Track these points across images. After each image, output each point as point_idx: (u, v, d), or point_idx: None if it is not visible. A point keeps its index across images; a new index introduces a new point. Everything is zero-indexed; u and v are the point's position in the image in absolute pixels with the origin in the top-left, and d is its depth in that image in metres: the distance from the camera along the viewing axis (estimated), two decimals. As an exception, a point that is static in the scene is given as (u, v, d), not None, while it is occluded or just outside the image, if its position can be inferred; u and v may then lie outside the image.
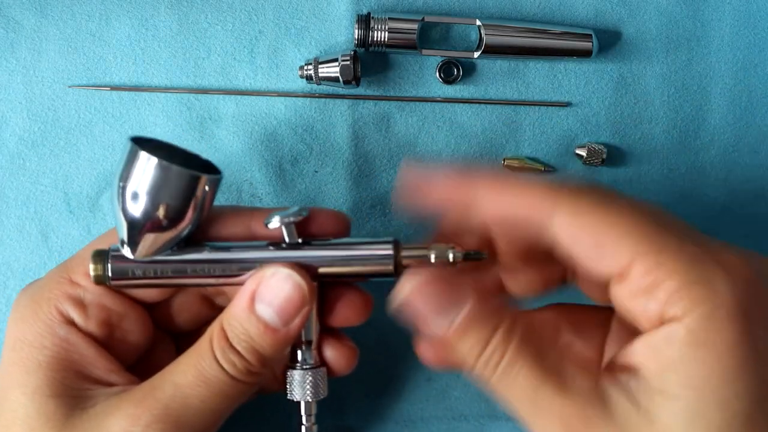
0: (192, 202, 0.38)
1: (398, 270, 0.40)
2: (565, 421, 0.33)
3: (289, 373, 0.42)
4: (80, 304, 0.41)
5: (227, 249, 0.40)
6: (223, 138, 0.51)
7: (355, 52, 0.49)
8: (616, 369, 0.34)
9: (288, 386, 0.42)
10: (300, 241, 0.40)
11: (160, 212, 0.37)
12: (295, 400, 0.42)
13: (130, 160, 0.37)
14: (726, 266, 0.31)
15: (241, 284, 0.40)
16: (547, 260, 0.37)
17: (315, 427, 0.43)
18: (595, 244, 0.33)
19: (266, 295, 0.39)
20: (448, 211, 0.38)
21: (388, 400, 0.53)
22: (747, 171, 0.52)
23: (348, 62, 0.48)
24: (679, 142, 0.52)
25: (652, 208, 0.35)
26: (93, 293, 0.41)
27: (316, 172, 0.51)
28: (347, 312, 0.42)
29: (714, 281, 0.31)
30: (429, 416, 0.53)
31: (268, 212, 0.41)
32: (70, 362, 0.40)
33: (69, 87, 0.51)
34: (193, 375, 0.38)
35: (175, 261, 0.40)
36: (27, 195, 0.51)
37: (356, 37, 0.49)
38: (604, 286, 0.35)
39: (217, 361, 0.38)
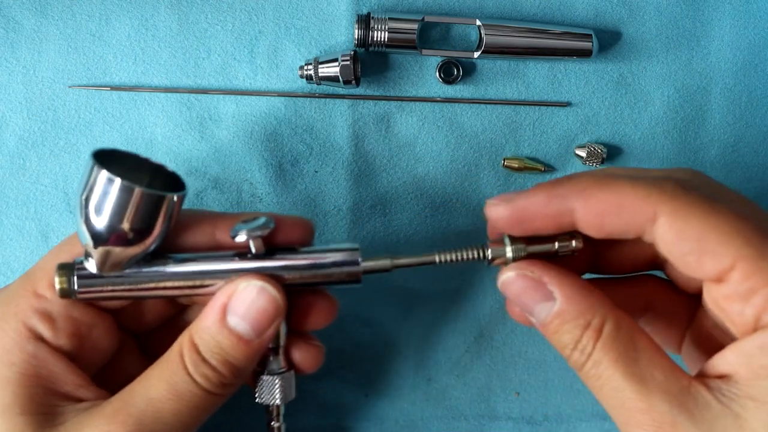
0: (158, 220, 0.38)
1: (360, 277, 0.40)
2: (651, 423, 0.33)
3: (257, 378, 0.42)
4: (48, 318, 0.40)
5: (194, 260, 0.40)
6: (223, 138, 0.51)
7: (355, 52, 0.49)
8: (707, 375, 0.34)
9: (257, 390, 0.42)
10: (265, 251, 0.40)
11: (125, 229, 0.37)
12: (264, 403, 0.42)
13: (93, 179, 0.37)
14: None
15: (208, 295, 0.39)
16: (638, 252, 0.38)
17: (283, 427, 0.43)
18: (697, 248, 0.33)
19: (239, 308, 0.38)
20: (545, 228, 0.37)
21: (388, 400, 0.53)
22: (747, 171, 0.52)
23: (348, 62, 0.48)
24: (679, 142, 0.52)
25: (755, 209, 0.35)
26: (60, 305, 0.40)
27: (316, 172, 0.51)
28: (315, 317, 0.42)
29: None
30: (429, 416, 0.53)
31: (231, 218, 0.40)
32: (40, 378, 0.39)
33: (69, 87, 0.51)
34: (166, 389, 0.38)
35: (141, 274, 0.39)
36: (27, 195, 0.51)
37: (356, 37, 0.49)
38: (699, 282, 0.35)
39: (190, 375, 0.38)
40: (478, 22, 0.49)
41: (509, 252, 0.38)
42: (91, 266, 0.39)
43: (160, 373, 0.39)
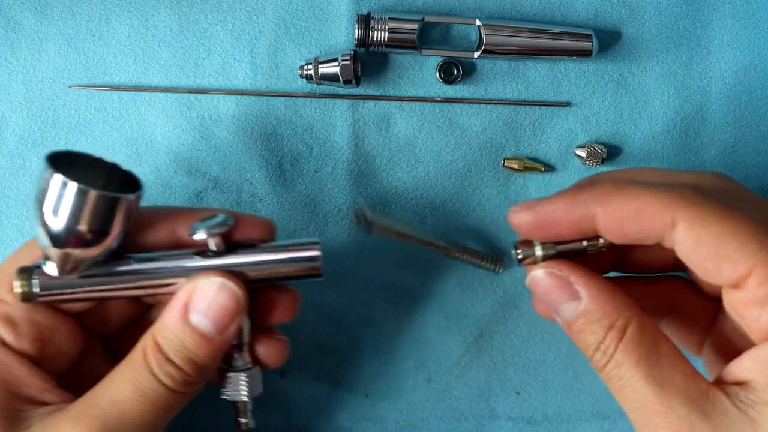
0: (115, 220, 0.37)
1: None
2: (669, 426, 0.33)
3: (223, 375, 0.42)
4: (10, 322, 0.40)
5: (154, 259, 0.40)
6: (223, 138, 0.51)
7: (355, 51, 0.49)
8: (725, 381, 0.34)
9: (223, 387, 0.42)
10: (225, 248, 0.40)
11: (83, 231, 0.37)
12: (230, 400, 0.42)
13: (48, 183, 0.37)
14: None
15: (170, 293, 0.39)
16: (661, 255, 0.38)
17: (251, 423, 0.43)
18: (714, 254, 0.33)
19: (200, 305, 0.38)
20: (567, 234, 0.38)
21: (388, 400, 0.53)
22: (747, 171, 0.52)
23: (348, 62, 0.48)
24: (679, 142, 0.52)
25: None
26: (22, 309, 0.40)
27: (316, 172, 0.51)
28: (278, 312, 0.43)
29: None
30: (429, 416, 0.53)
31: (191, 215, 0.40)
32: (3, 383, 0.39)
33: (69, 87, 0.51)
34: (130, 390, 0.38)
35: (102, 275, 0.39)
36: (27, 195, 0.51)
37: (356, 37, 0.49)
38: (719, 287, 0.36)
39: (154, 375, 0.38)
40: (478, 22, 0.49)
41: (538, 251, 0.38)
42: (51, 269, 0.39)
43: (123, 374, 0.39)
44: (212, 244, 0.40)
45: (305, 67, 0.49)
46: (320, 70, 0.49)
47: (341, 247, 0.52)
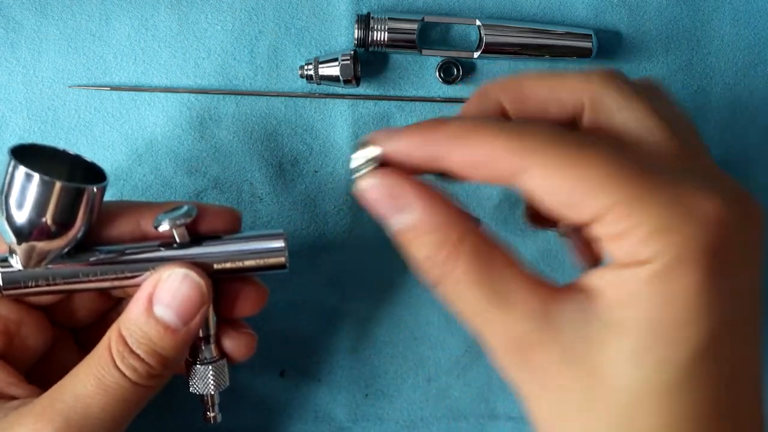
0: (79, 212, 0.37)
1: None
2: (509, 340, 0.32)
3: (190, 368, 0.42)
4: None
5: (120, 252, 0.40)
6: (223, 138, 0.51)
7: (355, 51, 0.49)
8: (574, 290, 0.33)
9: (190, 380, 0.42)
10: (189, 240, 0.40)
11: (48, 224, 0.37)
12: (198, 393, 0.42)
13: (12, 175, 0.37)
14: (698, 212, 0.31)
15: (136, 286, 0.39)
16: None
17: (219, 416, 0.43)
18: (566, 201, 0.32)
19: (164, 297, 0.38)
20: (420, 170, 0.36)
21: (387, 400, 0.53)
22: (747, 171, 0.52)
23: (348, 62, 0.48)
24: (679, 142, 0.52)
25: (645, 141, 0.33)
26: None
27: (316, 172, 0.51)
28: (243, 304, 0.42)
29: (683, 228, 0.30)
30: (429, 416, 0.53)
31: (155, 207, 0.40)
32: None
33: (69, 87, 0.51)
34: (93, 384, 0.38)
35: (67, 267, 0.39)
36: (27, 195, 0.51)
37: (356, 37, 0.49)
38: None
39: (117, 368, 0.38)
40: (478, 22, 0.49)
41: (371, 156, 0.35)
42: (16, 262, 0.39)
43: (88, 367, 0.38)
44: (177, 236, 0.40)
45: (305, 67, 0.49)
46: (320, 70, 0.49)
47: (341, 247, 0.52)
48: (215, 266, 0.40)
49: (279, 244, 0.41)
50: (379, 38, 0.49)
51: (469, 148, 0.33)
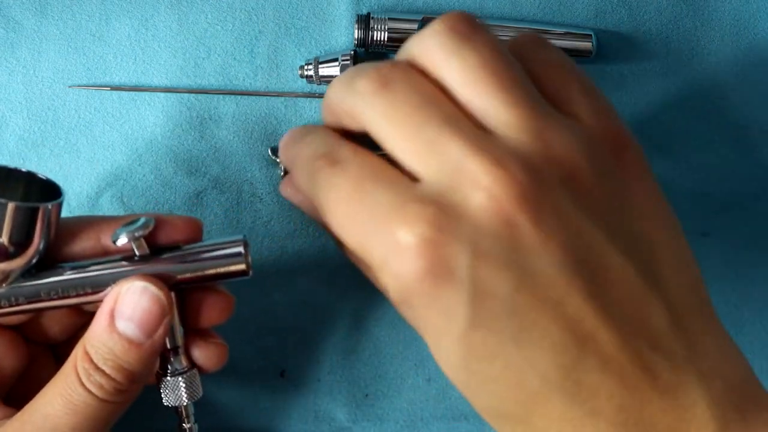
0: (36, 230, 0.37)
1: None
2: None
3: (160, 380, 0.42)
4: None
5: (80, 268, 0.39)
6: (223, 138, 0.51)
7: (355, 52, 0.49)
8: None
9: (162, 393, 0.42)
10: (149, 252, 0.40)
11: (5, 244, 0.37)
12: (170, 405, 0.42)
13: None
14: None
15: (100, 301, 0.39)
16: None
17: (195, 426, 0.43)
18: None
19: (125, 311, 0.38)
20: None
21: (387, 400, 0.53)
22: (748, 171, 0.52)
23: (348, 62, 0.48)
24: (680, 143, 0.52)
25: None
26: None
27: (316, 172, 0.51)
28: (209, 314, 0.42)
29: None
30: (429, 416, 0.53)
31: (115, 221, 0.40)
32: None
33: (69, 87, 0.51)
34: (61, 403, 0.37)
35: (28, 287, 0.39)
36: (27, 195, 0.51)
37: (356, 37, 0.49)
38: None
39: (84, 386, 0.37)
40: (478, 22, 0.49)
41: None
42: None
43: (55, 387, 0.38)
44: (136, 249, 0.39)
45: (305, 68, 0.49)
46: (320, 71, 0.49)
47: (341, 247, 0.52)
48: (177, 277, 0.40)
49: (237, 249, 0.40)
50: (379, 38, 0.49)
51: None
